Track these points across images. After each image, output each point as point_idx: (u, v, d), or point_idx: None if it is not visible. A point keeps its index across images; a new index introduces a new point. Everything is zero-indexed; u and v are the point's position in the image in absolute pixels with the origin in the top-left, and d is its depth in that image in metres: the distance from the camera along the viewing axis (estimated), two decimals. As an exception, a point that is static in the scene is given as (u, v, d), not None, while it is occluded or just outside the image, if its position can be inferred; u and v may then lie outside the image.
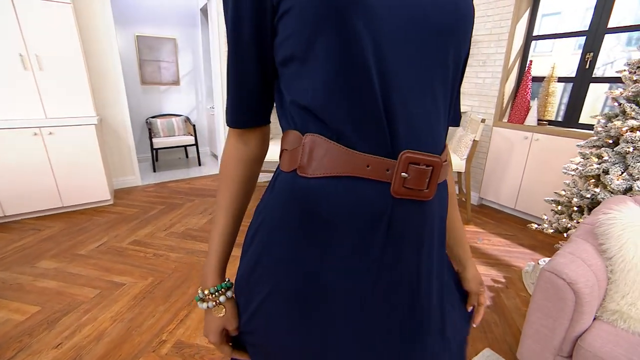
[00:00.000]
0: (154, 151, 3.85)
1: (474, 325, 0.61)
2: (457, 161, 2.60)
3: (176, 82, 4.32)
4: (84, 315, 1.49)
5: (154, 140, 3.82)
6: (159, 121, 4.06)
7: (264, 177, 3.52)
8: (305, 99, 0.39)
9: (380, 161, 0.37)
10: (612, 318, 1.04)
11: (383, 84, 0.35)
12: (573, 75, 2.48)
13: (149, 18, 3.93)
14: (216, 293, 0.49)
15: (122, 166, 3.15)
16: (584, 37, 2.37)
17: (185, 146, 4.15)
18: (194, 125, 4.09)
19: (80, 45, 2.37)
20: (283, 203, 0.42)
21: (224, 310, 0.49)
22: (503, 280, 1.89)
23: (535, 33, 2.67)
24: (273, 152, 2.61)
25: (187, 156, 4.58)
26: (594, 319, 1.06)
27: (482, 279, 0.63)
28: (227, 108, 0.46)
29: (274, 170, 0.48)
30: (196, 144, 4.09)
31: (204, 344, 1.35)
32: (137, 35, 3.89)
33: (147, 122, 4.11)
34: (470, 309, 0.61)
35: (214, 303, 0.49)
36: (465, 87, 3.07)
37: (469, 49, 0.45)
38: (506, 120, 2.87)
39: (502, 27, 2.66)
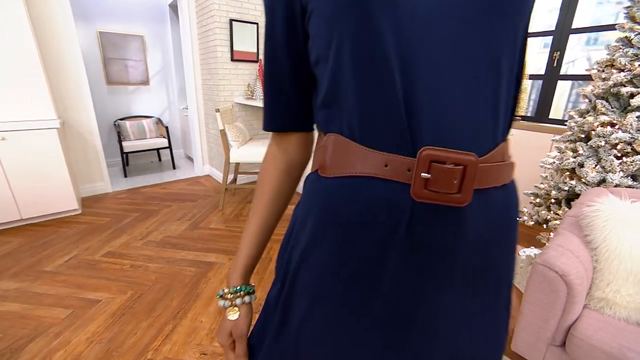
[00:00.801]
0: (124, 155, 3.63)
1: None
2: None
3: (145, 82, 4.09)
4: (54, 339, 1.36)
5: (123, 143, 3.60)
6: (128, 123, 3.83)
7: (245, 179, 3.42)
8: (326, 98, 0.39)
9: (400, 160, 0.34)
10: (599, 305, 1.09)
11: (405, 74, 0.33)
12: (541, 72, 2.60)
13: (112, 13, 3.69)
14: (235, 294, 0.49)
15: (90, 172, 2.93)
16: (551, 37, 2.48)
17: (157, 149, 3.95)
18: (166, 127, 3.89)
19: (34, 40, 2.16)
20: (306, 204, 0.42)
21: (238, 313, 0.49)
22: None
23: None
24: (251, 154, 2.54)
25: (160, 159, 4.36)
26: (583, 307, 1.10)
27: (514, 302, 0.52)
28: (264, 112, 0.47)
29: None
30: (169, 147, 3.90)
31: (193, 360, 1.28)
32: (99, 32, 3.63)
33: (115, 124, 3.86)
34: None
35: (230, 303, 0.49)
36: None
37: (528, 19, 0.37)
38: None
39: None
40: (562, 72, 2.51)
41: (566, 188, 1.66)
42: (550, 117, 2.62)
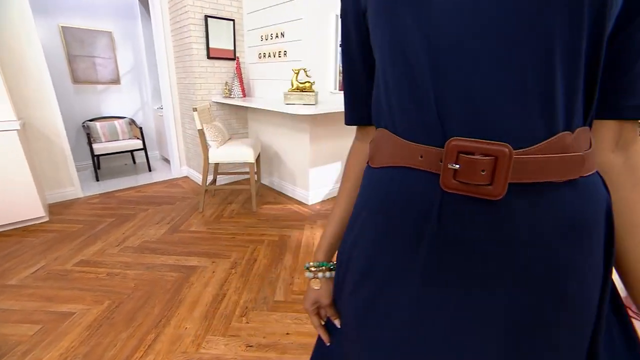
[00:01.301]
0: (95, 158, 3.43)
1: None
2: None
3: (116, 81, 3.89)
4: (22, 358, 1.24)
5: (94, 146, 3.40)
6: (98, 124, 3.62)
7: (225, 180, 3.33)
8: (376, 95, 0.43)
9: (433, 151, 0.34)
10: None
11: (435, 68, 0.33)
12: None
13: (75, 7, 3.48)
14: (318, 268, 0.55)
15: (58, 177, 2.74)
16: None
17: (131, 151, 3.77)
18: (140, 128, 3.72)
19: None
20: (360, 192, 0.47)
21: (320, 285, 0.54)
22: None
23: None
24: (231, 153, 2.46)
25: (134, 162, 4.17)
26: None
27: None
28: (344, 107, 0.52)
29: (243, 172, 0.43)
30: (144, 148, 3.73)
31: (179, 369, 1.21)
32: (62, 27, 3.41)
33: (84, 125, 3.64)
34: None
35: (313, 275, 0.55)
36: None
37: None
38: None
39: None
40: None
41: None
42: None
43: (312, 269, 0.55)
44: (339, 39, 2.66)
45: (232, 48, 3.09)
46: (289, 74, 2.68)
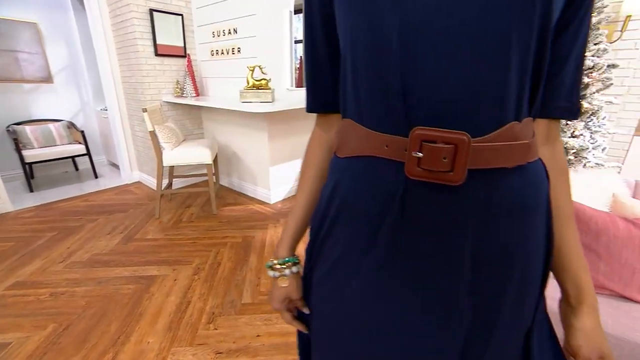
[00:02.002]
0: (27, 166, 3.07)
1: None
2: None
3: (47, 79, 3.50)
4: (-47, 397, 1.10)
5: (24, 153, 3.04)
6: (28, 129, 3.24)
7: (182, 183, 3.17)
8: (342, 85, 0.43)
9: (398, 140, 0.36)
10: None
11: (406, 64, 0.34)
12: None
13: (-6, -3, 3.06)
14: (283, 265, 0.53)
15: (-18, 190, 2.41)
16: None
17: (72, 157, 3.43)
18: (82, 132, 3.40)
19: None
20: (327, 183, 0.47)
21: (287, 282, 0.53)
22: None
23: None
24: (187, 155, 2.36)
25: (76, 168, 3.80)
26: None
27: (608, 351, 0.43)
28: (306, 94, 0.51)
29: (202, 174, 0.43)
30: (88, 154, 3.42)
31: (143, 386, 1.14)
32: (-22, 19, 2.99)
33: (8, 130, 3.23)
34: None
35: (279, 274, 0.53)
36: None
37: (550, 7, 0.33)
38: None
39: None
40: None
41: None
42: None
43: (277, 266, 0.53)
44: (294, 35, 2.65)
45: (182, 45, 2.94)
46: (244, 72, 2.61)
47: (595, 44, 1.47)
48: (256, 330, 1.40)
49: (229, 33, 2.63)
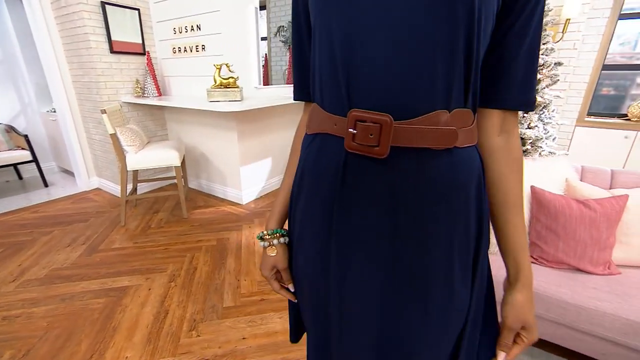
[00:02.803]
0: (-38, 177, 2.73)
1: None
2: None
3: (-19, 79, 3.12)
4: None
5: (-43, 162, 2.70)
6: (-40, 135, 2.88)
7: (147, 187, 3.01)
8: (311, 74, 0.50)
9: (342, 120, 0.43)
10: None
11: (346, 52, 0.41)
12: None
13: None
14: (272, 236, 0.58)
15: None
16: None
17: (15, 164, 3.10)
18: (25, 136, 3.08)
19: None
20: (300, 156, 0.54)
21: (276, 251, 0.58)
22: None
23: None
24: (153, 158, 2.24)
25: (20, 177, 3.44)
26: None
27: (530, 320, 0.48)
28: (293, 85, 0.59)
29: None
30: (35, 160, 3.11)
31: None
32: None
33: (-63, 137, 2.85)
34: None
35: (268, 243, 0.58)
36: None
37: (474, 6, 0.37)
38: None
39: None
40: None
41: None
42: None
43: (267, 237, 0.58)
44: (260, 31, 2.61)
45: (141, 41, 2.77)
46: (210, 70, 2.53)
47: (543, 44, 1.61)
48: (241, 332, 1.38)
49: (192, 30, 2.53)
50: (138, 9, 2.70)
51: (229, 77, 2.29)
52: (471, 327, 0.50)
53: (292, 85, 0.59)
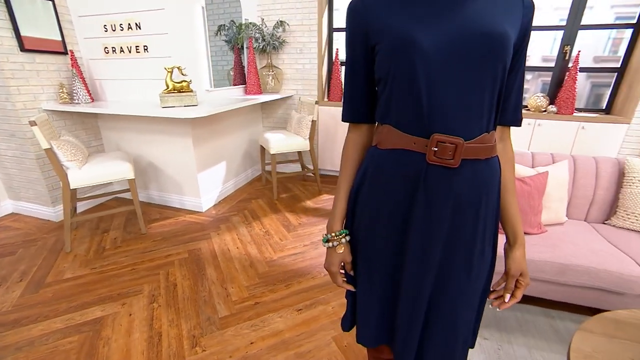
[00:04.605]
0: None
1: (492, 306, 0.73)
2: (301, 141, 2.92)
3: None
4: None
5: None
6: None
7: (85, 206, 2.65)
8: (384, 104, 0.63)
9: (422, 140, 0.58)
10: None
11: (429, 96, 0.55)
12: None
13: None
14: (339, 236, 0.71)
15: None
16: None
17: None
18: None
19: None
20: (366, 165, 0.68)
21: (343, 248, 0.71)
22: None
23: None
24: (102, 173, 2.01)
25: None
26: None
27: (525, 269, 0.69)
28: (344, 108, 0.72)
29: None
30: None
31: None
32: None
33: None
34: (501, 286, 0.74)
35: (337, 242, 0.70)
36: (289, 72, 3.39)
37: (506, 62, 0.57)
38: (327, 99, 3.43)
39: (311, 19, 3.08)
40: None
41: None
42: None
43: (335, 238, 0.71)
44: (209, 33, 2.50)
45: (60, 38, 2.39)
46: (156, 73, 2.35)
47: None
48: (247, 338, 1.40)
49: (130, 28, 2.29)
50: (52, 0, 2.33)
51: (182, 81, 2.17)
52: (483, 296, 0.72)
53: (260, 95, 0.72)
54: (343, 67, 3.29)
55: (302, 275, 1.86)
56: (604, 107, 2.86)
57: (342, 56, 3.34)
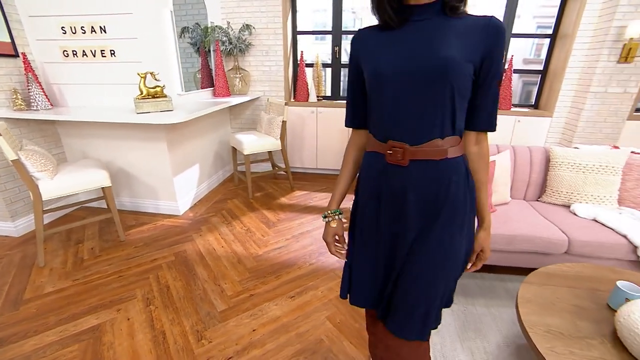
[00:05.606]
0: None
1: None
2: (273, 141, 3.03)
3: None
4: None
5: None
6: None
7: (50, 217, 2.51)
8: (368, 116, 0.83)
9: (384, 145, 0.76)
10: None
11: (389, 111, 0.73)
12: (328, 62, 3.44)
13: None
14: (334, 214, 0.91)
15: None
16: (331, 35, 3.31)
17: None
18: None
19: None
20: (362, 162, 0.88)
21: (336, 223, 0.91)
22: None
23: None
24: (76, 183, 1.94)
25: None
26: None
27: (486, 246, 0.83)
28: (347, 115, 0.90)
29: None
30: None
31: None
32: None
33: None
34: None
35: (331, 219, 0.91)
36: (256, 74, 3.45)
37: (455, 81, 0.67)
38: (294, 100, 3.55)
39: (276, 22, 3.17)
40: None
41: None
42: (341, 95, 3.52)
43: (330, 215, 0.91)
44: (177, 37, 2.49)
45: (9, 40, 2.23)
46: (123, 77, 2.31)
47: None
48: (248, 326, 1.52)
49: (94, 32, 2.22)
50: (-2, 0, 2.17)
51: (155, 86, 2.16)
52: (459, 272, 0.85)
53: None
54: (307, 69, 3.48)
55: (289, 266, 2.00)
56: (532, 103, 3.36)
57: (307, 58, 3.48)
